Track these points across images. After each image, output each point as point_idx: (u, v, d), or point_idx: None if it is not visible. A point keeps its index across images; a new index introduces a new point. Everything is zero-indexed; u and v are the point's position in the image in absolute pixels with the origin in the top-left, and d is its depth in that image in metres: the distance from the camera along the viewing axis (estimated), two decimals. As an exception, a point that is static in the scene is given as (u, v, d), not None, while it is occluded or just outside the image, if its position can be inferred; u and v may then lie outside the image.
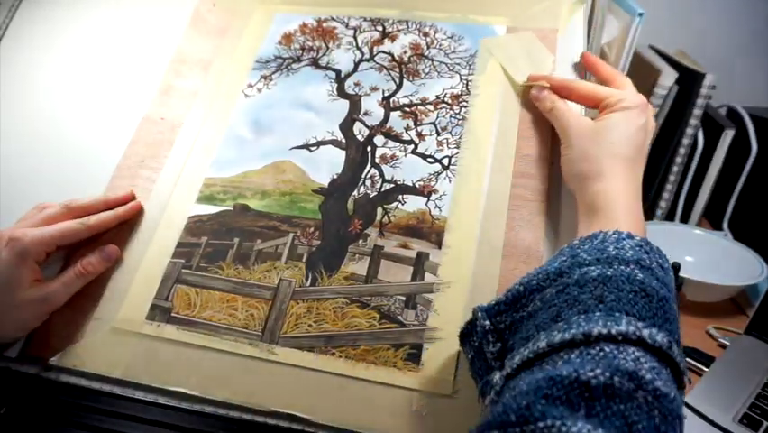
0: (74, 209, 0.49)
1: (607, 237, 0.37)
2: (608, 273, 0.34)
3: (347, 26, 0.61)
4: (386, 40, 0.60)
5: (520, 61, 0.55)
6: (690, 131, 0.80)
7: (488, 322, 0.37)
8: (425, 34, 0.59)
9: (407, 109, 0.55)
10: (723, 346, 0.65)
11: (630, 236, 0.37)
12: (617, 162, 0.43)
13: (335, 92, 0.57)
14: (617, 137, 0.44)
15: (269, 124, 0.56)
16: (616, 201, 0.41)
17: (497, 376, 0.35)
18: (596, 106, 0.48)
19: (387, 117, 0.55)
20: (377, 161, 0.53)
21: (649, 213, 0.87)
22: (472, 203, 0.49)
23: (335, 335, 0.45)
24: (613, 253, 0.36)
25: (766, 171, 0.83)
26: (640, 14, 0.66)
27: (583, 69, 0.54)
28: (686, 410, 0.54)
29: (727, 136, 0.81)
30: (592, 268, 0.35)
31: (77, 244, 0.49)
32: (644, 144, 0.45)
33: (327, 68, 0.59)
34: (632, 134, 0.44)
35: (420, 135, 0.54)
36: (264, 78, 0.59)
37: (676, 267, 0.67)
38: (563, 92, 0.50)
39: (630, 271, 0.34)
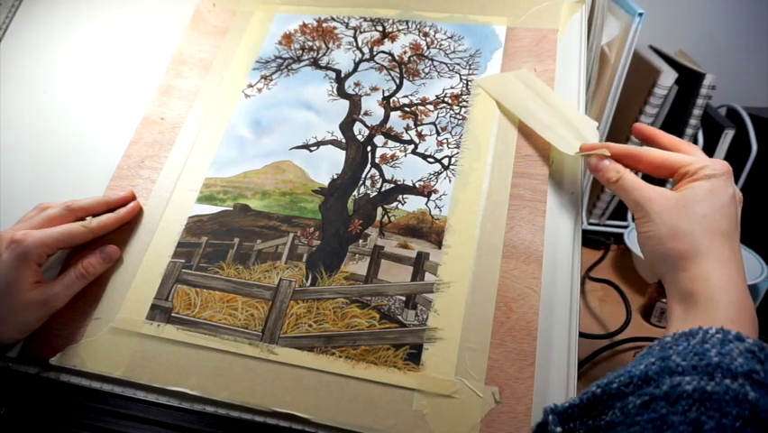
0: (75, 210, 0.49)
1: (708, 337, 0.31)
2: (708, 389, 0.27)
3: (347, 26, 0.62)
4: (386, 40, 0.60)
5: (520, 95, 0.52)
6: (690, 131, 0.80)
7: (559, 429, 0.32)
8: (425, 34, 0.59)
9: (407, 109, 0.55)
10: (723, 346, 0.65)
11: (739, 338, 0.30)
12: (714, 238, 0.37)
13: (335, 92, 0.58)
14: (708, 209, 0.38)
15: (269, 124, 0.56)
16: (719, 288, 0.35)
17: None
18: (669, 177, 0.43)
19: (387, 117, 0.55)
20: (377, 161, 0.53)
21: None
22: (472, 203, 0.49)
23: (335, 335, 0.45)
24: (715, 359, 0.29)
25: (766, 171, 0.83)
26: (640, 14, 0.66)
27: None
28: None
29: (727, 136, 0.81)
30: (687, 379, 0.28)
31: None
32: (737, 217, 0.39)
33: (327, 68, 0.59)
34: (724, 205, 0.38)
35: (420, 135, 0.54)
36: (264, 78, 0.59)
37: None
38: (628, 161, 0.44)
39: (738, 387, 0.27)
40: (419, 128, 0.54)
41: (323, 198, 0.52)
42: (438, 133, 0.53)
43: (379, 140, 0.54)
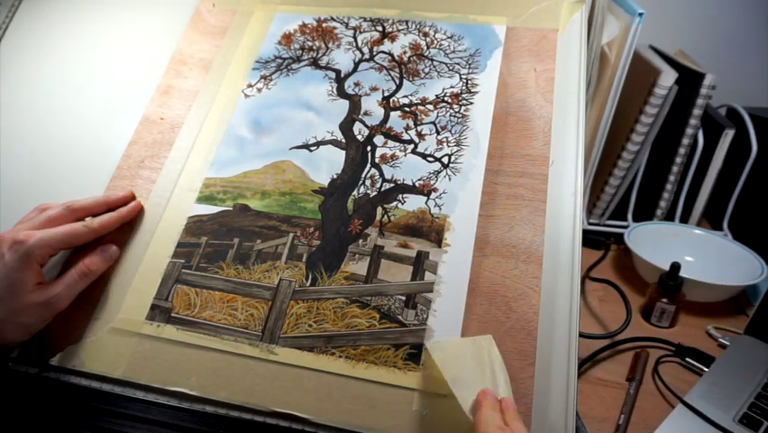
0: (75, 210, 0.49)
1: None
2: None
3: (347, 26, 0.61)
4: (386, 40, 0.60)
5: (468, 374, 0.40)
6: (690, 131, 0.80)
7: None
8: (425, 34, 0.59)
9: (407, 109, 0.55)
10: (723, 346, 0.65)
11: None
12: None
13: (335, 92, 0.58)
14: None
15: (269, 124, 0.56)
16: None
17: None
18: None
19: (387, 117, 0.55)
20: (377, 160, 0.53)
21: (649, 213, 0.87)
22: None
23: (335, 335, 0.45)
24: None
25: (766, 171, 0.83)
26: (640, 14, 0.66)
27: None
28: (686, 410, 0.54)
29: (727, 136, 0.81)
30: None
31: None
32: None
33: (327, 68, 0.59)
34: None
35: (420, 135, 0.54)
36: (264, 78, 0.59)
37: (676, 267, 0.67)
38: None
39: None
40: (419, 128, 0.54)
41: (323, 197, 0.52)
42: (438, 132, 0.53)
43: (378, 140, 0.54)
